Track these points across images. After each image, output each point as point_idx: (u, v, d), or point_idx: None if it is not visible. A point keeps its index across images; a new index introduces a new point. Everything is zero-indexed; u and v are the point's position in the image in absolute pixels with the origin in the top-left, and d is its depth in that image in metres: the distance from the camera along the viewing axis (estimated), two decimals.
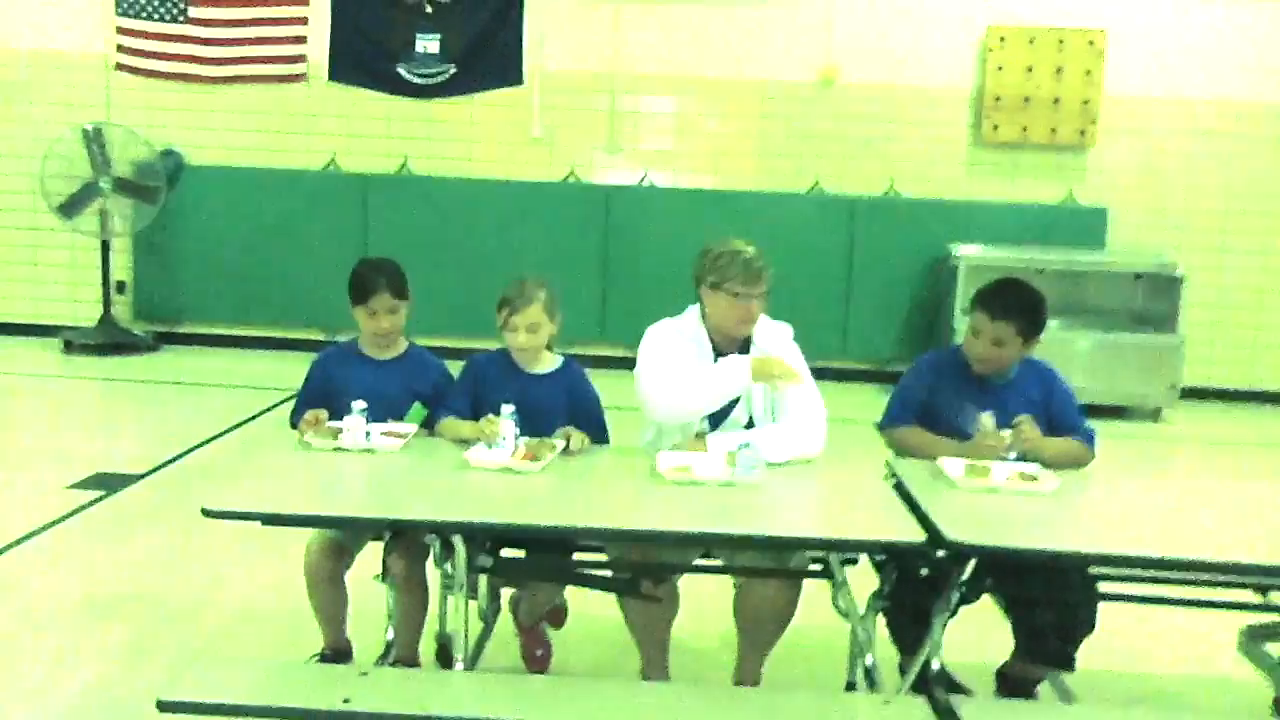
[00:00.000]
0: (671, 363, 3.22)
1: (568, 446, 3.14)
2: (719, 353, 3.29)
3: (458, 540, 2.73)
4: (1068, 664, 3.06)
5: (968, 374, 3.38)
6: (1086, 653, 3.11)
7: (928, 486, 3.02)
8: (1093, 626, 3.02)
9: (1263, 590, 3.20)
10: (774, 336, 3.31)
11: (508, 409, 3.09)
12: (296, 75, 8.30)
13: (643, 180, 8.39)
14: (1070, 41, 7.89)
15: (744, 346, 3.29)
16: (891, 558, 2.88)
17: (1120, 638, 3.12)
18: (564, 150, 8.36)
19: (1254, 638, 3.50)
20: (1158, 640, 3.80)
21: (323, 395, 3.37)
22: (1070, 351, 7.31)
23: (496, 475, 2.96)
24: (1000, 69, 7.94)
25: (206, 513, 2.61)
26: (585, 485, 3.04)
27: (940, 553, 2.67)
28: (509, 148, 8.35)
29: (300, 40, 8.28)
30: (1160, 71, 8.03)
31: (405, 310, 3.42)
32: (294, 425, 3.34)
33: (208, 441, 5.87)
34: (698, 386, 3.16)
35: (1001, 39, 7.92)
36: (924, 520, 2.75)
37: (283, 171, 8.35)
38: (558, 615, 3.56)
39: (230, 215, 8.31)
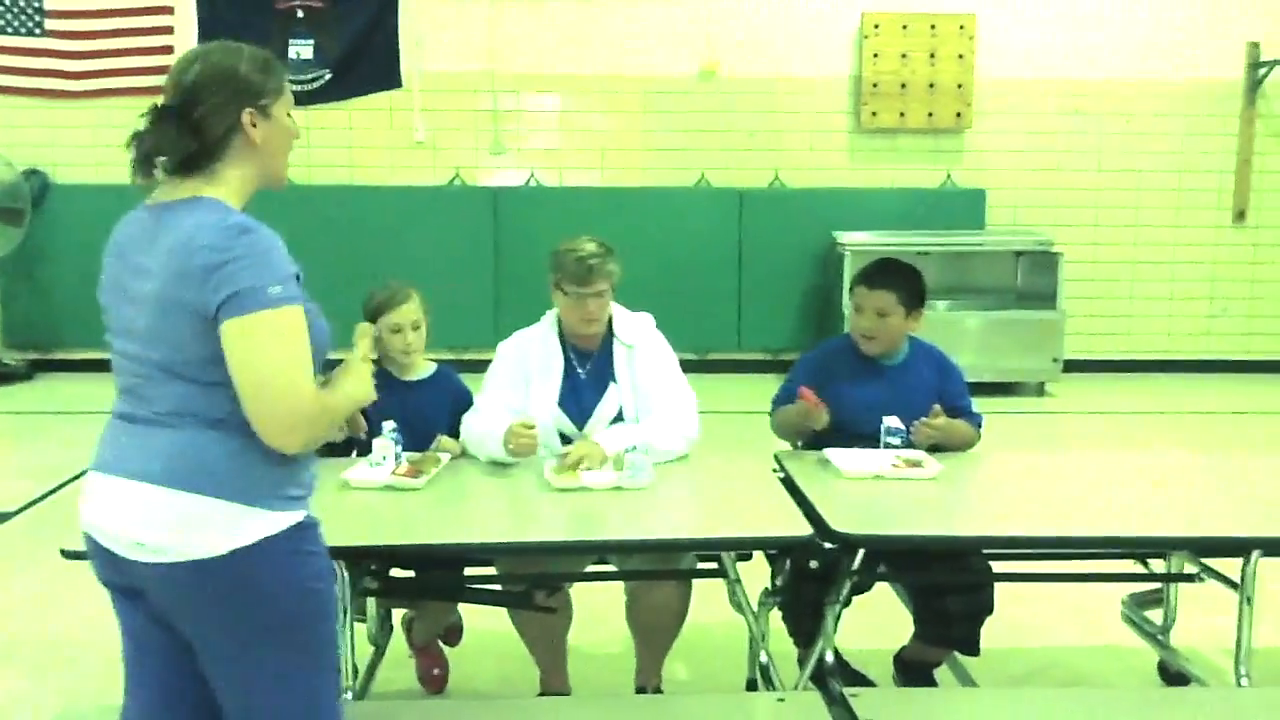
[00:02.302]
0: (495, 399, 3.21)
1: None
2: (575, 355, 3.27)
3: (339, 565, 2.65)
4: (973, 648, 3.09)
5: (858, 358, 3.39)
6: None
7: (815, 478, 3.03)
8: (991, 608, 3.07)
9: (1144, 560, 3.30)
10: (635, 328, 3.29)
11: (389, 425, 3.02)
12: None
13: (529, 180, 8.32)
14: (942, 26, 8.04)
15: (606, 343, 3.27)
16: (782, 553, 2.88)
17: (1009, 614, 3.17)
18: (448, 153, 8.25)
19: (1136, 605, 3.61)
20: (1045, 614, 3.88)
21: None
22: (957, 331, 7.47)
23: (378, 494, 2.88)
24: (876, 56, 8.06)
25: (65, 554, 2.49)
26: (471, 498, 2.99)
27: (828, 545, 2.67)
28: (391, 153, 8.21)
29: (166, 50, 8.00)
30: (1029, 53, 8.24)
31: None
32: None
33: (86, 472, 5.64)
34: (479, 442, 3.15)
35: (876, 26, 8.04)
36: (811, 513, 2.76)
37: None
38: (453, 633, 3.49)
39: (102, 235, 7.76)
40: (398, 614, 3.41)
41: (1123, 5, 8.22)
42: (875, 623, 3.35)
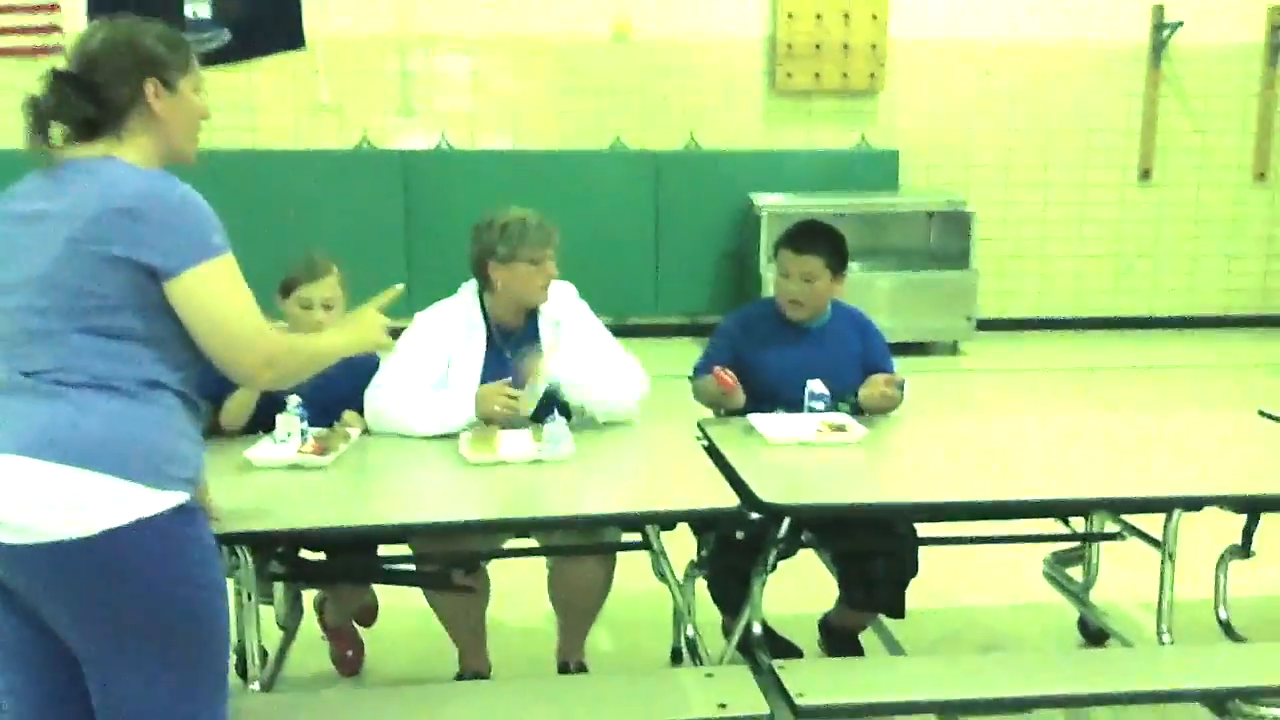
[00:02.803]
0: (412, 372, 3.02)
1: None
2: (498, 332, 3.14)
3: (243, 550, 2.51)
4: (898, 611, 3.08)
5: (781, 323, 3.33)
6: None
7: (739, 446, 2.96)
8: (916, 571, 3.05)
9: (1065, 519, 3.30)
10: (558, 300, 3.17)
11: (293, 401, 2.87)
12: (50, 47, 7.61)
13: (440, 144, 8.11)
14: None
15: (531, 319, 3.15)
16: (707, 523, 2.81)
17: (932, 575, 3.16)
18: (355, 116, 7.99)
19: (1057, 563, 3.64)
20: (968, 574, 3.89)
21: None
22: (871, 291, 7.47)
23: (284, 473, 2.74)
24: (791, 16, 7.98)
25: None
26: (382, 475, 2.86)
27: (755, 515, 2.61)
28: (296, 115, 7.93)
29: (53, 8, 7.60)
30: (941, 14, 8.23)
31: None
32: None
33: None
34: (418, 413, 2.97)
35: None
36: (737, 483, 2.69)
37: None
38: (367, 613, 3.37)
39: None
40: (308, 595, 3.27)
41: None
42: (799, 587, 3.32)
